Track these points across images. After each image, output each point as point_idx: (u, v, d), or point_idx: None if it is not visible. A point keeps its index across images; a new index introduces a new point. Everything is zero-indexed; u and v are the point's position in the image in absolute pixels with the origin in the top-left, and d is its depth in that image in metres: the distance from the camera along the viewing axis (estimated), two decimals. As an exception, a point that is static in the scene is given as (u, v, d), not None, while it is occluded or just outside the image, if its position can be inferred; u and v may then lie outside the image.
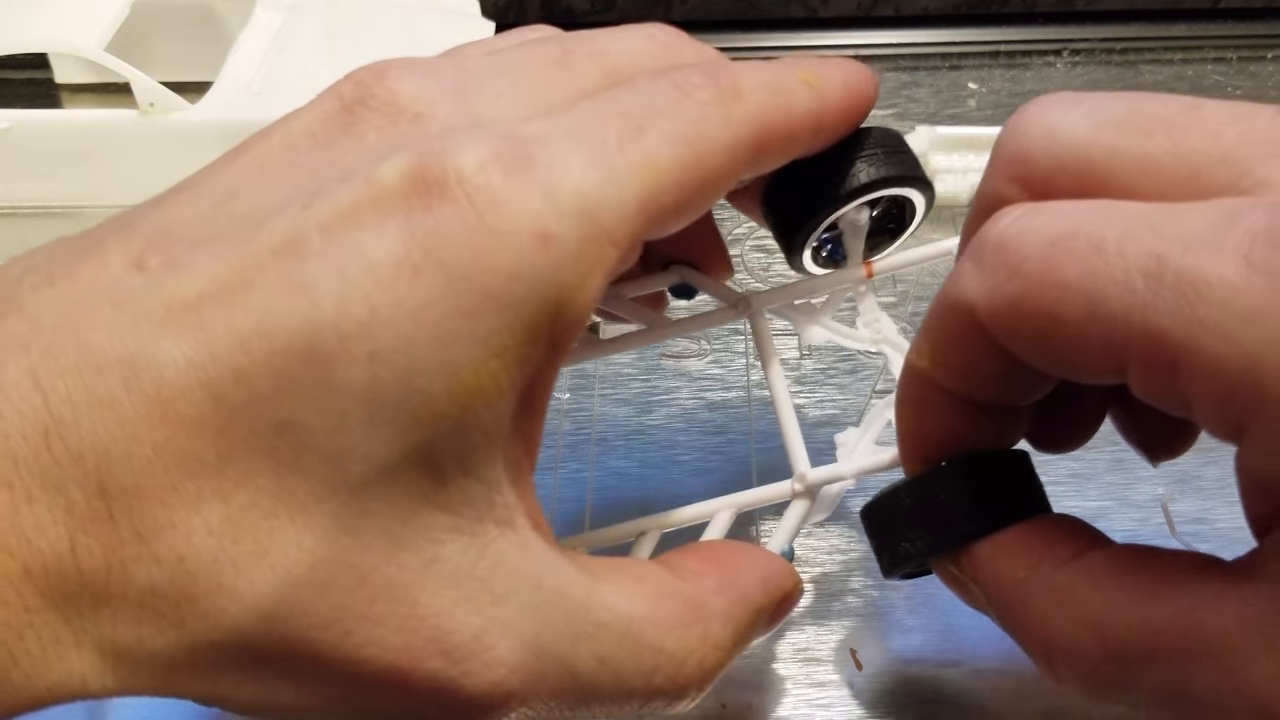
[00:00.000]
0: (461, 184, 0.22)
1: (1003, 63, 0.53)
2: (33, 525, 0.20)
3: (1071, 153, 0.24)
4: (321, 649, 0.21)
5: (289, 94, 0.45)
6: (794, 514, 0.29)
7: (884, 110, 0.51)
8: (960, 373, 0.25)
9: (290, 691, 0.22)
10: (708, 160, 0.25)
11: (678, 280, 0.31)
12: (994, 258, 0.23)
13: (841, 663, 0.31)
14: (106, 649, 0.21)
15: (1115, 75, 0.52)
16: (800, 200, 0.29)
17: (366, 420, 0.21)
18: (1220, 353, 0.20)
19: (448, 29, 0.48)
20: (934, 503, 0.26)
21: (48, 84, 0.52)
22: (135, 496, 0.20)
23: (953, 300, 0.24)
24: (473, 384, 0.21)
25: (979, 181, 0.26)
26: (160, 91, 0.44)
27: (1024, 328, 0.23)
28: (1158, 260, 0.21)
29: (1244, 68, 0.53)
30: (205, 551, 0.20)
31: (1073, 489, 0.35)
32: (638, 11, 0.55)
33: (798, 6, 0.55)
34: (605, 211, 0.23)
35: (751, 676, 0.31)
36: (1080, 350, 0.22)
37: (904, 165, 0.29)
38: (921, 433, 0.26)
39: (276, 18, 0.48)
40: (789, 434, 0.29)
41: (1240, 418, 0.20)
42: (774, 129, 0.26)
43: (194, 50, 0.49)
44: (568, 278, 0.22)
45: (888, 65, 0.54)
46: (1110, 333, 0.21)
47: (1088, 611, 0.23)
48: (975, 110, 0.51)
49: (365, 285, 0.21)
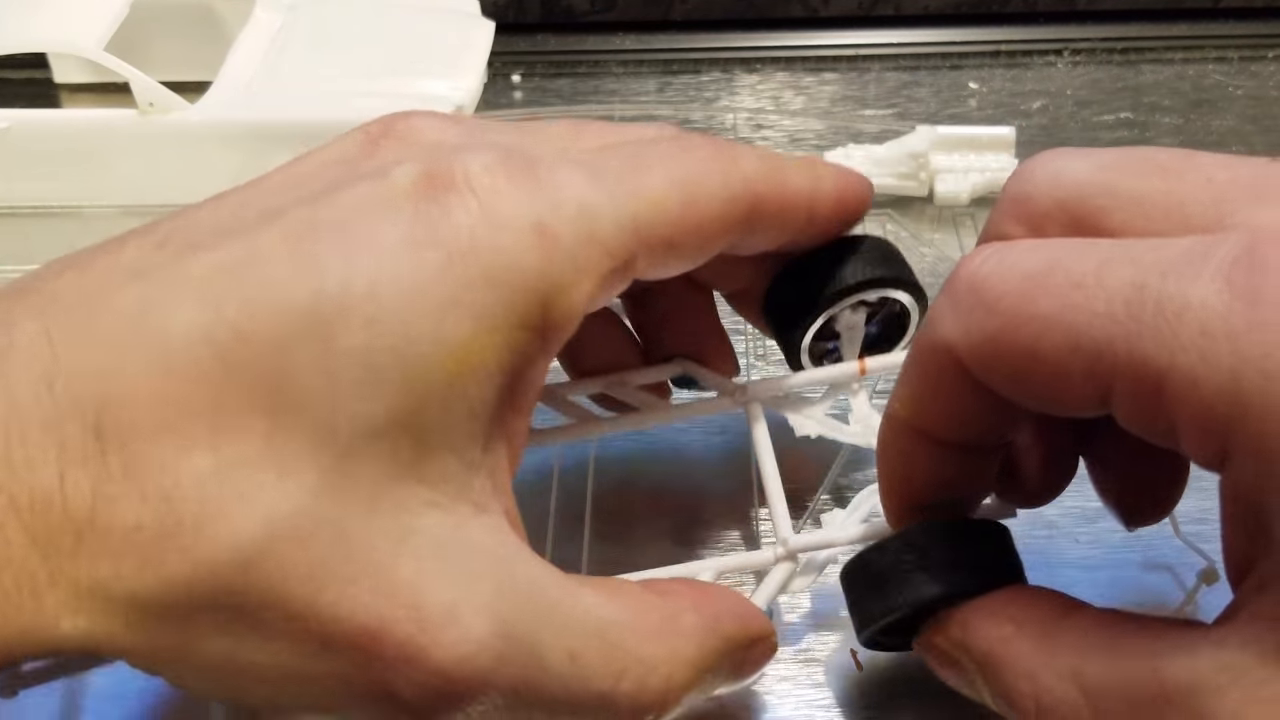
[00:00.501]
0: (468, 181, 0.23)
1: (1003, 62, 0.53)
2: (23, 461, 0.21)
3: (1071, 193, 0.24)
4: (296, 602, 0.21)
5: (288, 94, 0.45)
6: (775, 577, 0.30)
7: (884, 110, 0.51)
8: (938, 416, 0.25)
9: (257, 648, 0.22)
10: (703, 206, 0.27)
11: (680, 372, 0.33)
12: (969, 296, 0.23)
13: (841, 663, 0.31)
14: (82, 588, 0.21)
15: (1116, 75, 0.52)
16: (795, 302, 0.31)
17: (359, 383, 0.22)
18: (1202, 374, 0.20)
19: (448, 29, 0.48)
20: (920, 559, 0.26)
21: (47, 84, 0.52)
22: (129, 438, 0.21)
23: (930, 341, 0.24)
24: (463, 357, 0.22)
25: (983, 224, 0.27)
26: (160, 91, 0.44)
27: (1003, 364, 0.23)
28: (1139, 289, 0.21)
29: (1245, 67, 0.53)
30: (191, 494, 0.21)
31: (1073, 489, 0.34)
32: (637, 11, 0.55)
33: (798, 6, 0.55)
34: (602, 222, 0.24)
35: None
36: (1061, 383, 0.22)
37: (893, 268, 0.31)
38: (903, 480, 0.27)
39: (276, 18, 0.48)
40: (774, 504, 0.30)
41: (1224, 440, 0.20)
42: (768, 197, 0.28)
43: (193, 50, 0.49)
44: (562, 274, 0.24)
45: (888, 65, 0.54)
46: (1094, 364, 0.22)
47: (1072, 663, 0.23)
48: (976, 110, 0.51)
49: (369, 260, 0.22)
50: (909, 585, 0.26)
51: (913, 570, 0.26)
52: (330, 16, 0.48)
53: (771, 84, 0.53)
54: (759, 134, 0.50)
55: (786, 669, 0.31)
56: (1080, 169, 0.25)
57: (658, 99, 0.52)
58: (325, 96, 0.44)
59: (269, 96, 0.44)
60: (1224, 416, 0.20)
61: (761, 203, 0.28)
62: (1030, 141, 0.48)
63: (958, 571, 0.26)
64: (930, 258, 0.44)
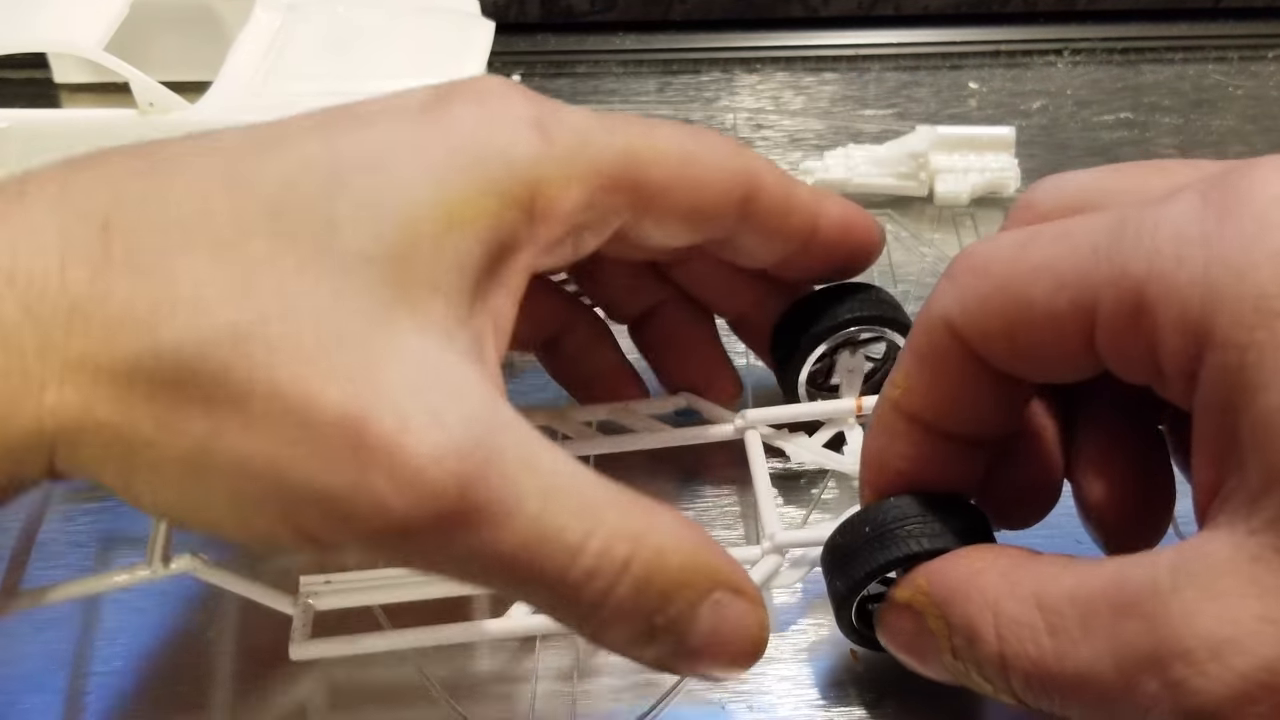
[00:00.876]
0: (478, 93, 0.26)
1: (1003, 62, 0.53)
2: (28, 247, 0.22)
3: (1072, 194, 0.26)
4: (282, 382, 0.22)
5: (288, 94, 0.45)
6: (762, 568, 0.31)
7: (884, 110, 0.51)
8: (931, 397, 0.26)
9: (236, 434, 0.22)
10: (701, 170, 0.29)
11: (684, 405, 0.35)
12: (964, 270, 0.25)
13: (841, 663, 0.31)
14: (72, 359, 0.22)
15: (1116, 75, 0.52)
16: (792, 336, 0.34)
17: (358, 219, 0.23)
18: (1178, 277, 0.21)
19: (447, 28, 0.48)
20: (900, 519, 0.27)
21: (47, 83, 0.52)
22: (133, 232, 0.23)
23: (927, 319, 0.26)
24: (455, 212, 0.24)
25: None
26: (159, 91, 0.44)
27: (996, 322, 0.24)
28: (1119, 222, 0.23)
29: (1245, 67, 0.53)
30: (188, 280, 0.22)
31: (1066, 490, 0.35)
32: (637, 11, 0.55)
33: (798, 6, 0.55)
34: (597, 143, 0.27)
35: (751, 676, 0.31)
36: (1051, 328, 0.23)
37: (889, 311, 0.34)
38: (884, 461, 0.27)
39: (276, 18, 0.48)
40: (763, 504, 0.32)
41: (1199, 343, 0.21)
42: (768, 190, 0.30)
43: (193, 50, 0.49)
44: (553, 170, 0.26)
45: (888, 65, 0.54)
46: (1079, 295, 0.23)
47: (1034, 589, 0.23)
48: (976, 110, 0.51)
49: (380, 134, 0.25)
50: (877, 553, 0.27)
51: (871, 542, 0.27)
52: (330, 16, 0.48)
53: (771, 84, 0.53)
54: (759, 134, 0.50)
55: (787, 669, 0.31)
56: (1082, 176, 0.26)
57: (658, 99, 0.52)
58: (325, 96, 0.44)
59: (269, 96, 0.44)
60: (1198, 317, 0.21)
61: (761, 192, 0.30)
62: (1030, 141, 0.48)
63: (927, 537, 0.27)
64: (930, 258, 0.44)
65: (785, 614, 0.32)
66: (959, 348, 0.25)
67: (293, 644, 0.29)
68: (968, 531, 0.27)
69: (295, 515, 0.22)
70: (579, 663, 0.31)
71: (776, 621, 0.32)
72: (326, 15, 0.48)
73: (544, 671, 0.31)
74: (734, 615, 0.25)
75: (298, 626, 0.30)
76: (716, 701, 0.31)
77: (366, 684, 0.31)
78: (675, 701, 0.31)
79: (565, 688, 0.31)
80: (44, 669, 0.32)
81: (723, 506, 0.36)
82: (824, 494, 0.35)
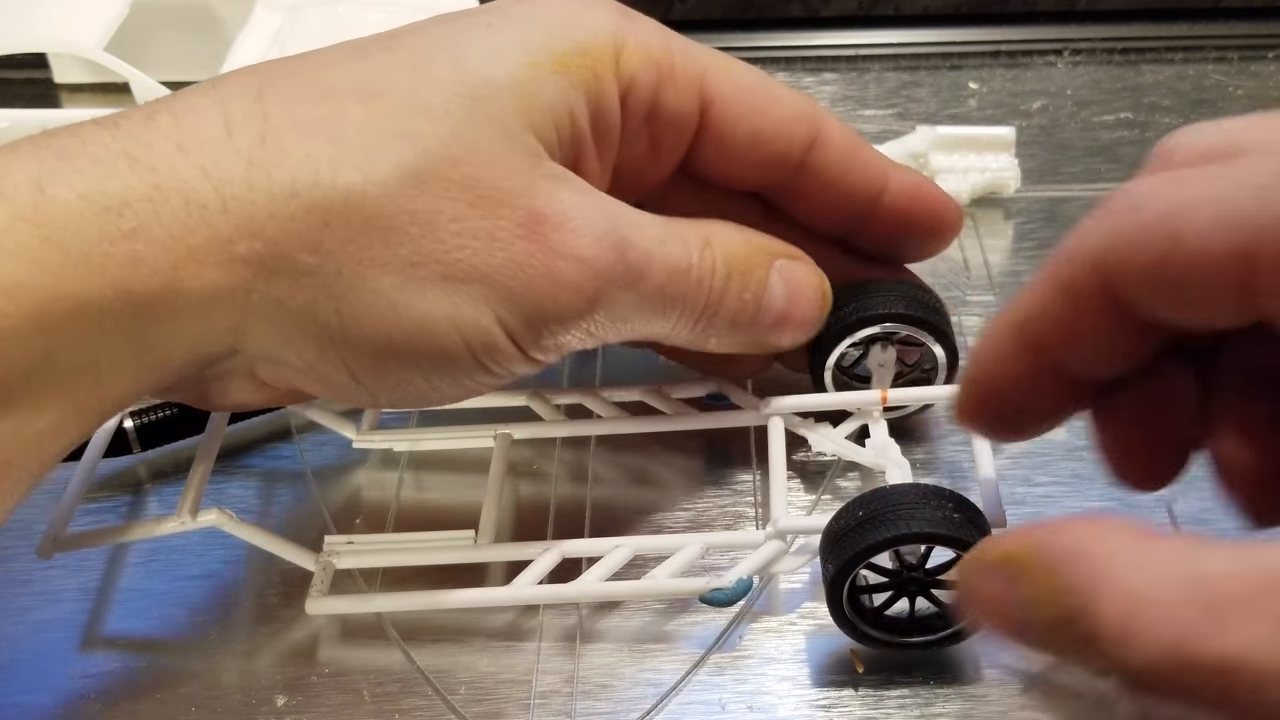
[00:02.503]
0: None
1: (1003, 62, 0.53)
2: (192, 123, 0.26)
3: (1212, 140, 0.25)
4: (461, 206, 0.27)
5: (288, 94, 0.45)
6: (764, 552, 0.31)
7: (884, 110, 0.51)
8: (1059, 327, 0.25)
9: (436, 254, 0.27)
10: (772, 101, 0.32)
11: (714, 389, 0.36)
12: (1119, 202, 0.24)
13: (841, 664, 0.31)
14: (259, 214, 0.26)
15: (1116, 75, 0.52)
16: (827, 325, 0.34)
17: (492, 57, 0.28)
18: None
19: (447, 29, 0.48)
20: (894, 504, 0.28)
21: (47, 84, 0.52)
22: (288, 99, 0.27)
23: (1069, 251, 0.24)
24: (563, 60, 0.29)
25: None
26: (159, 91, 0.44)
27: (1144, 256, 0.23)
28: None
29: (1245, 67, 0.53)
30: (352, 132, 0.27)
31: (1073, 489, 0.35)
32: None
33: (798, 6, 0.55)
34: (676, 40, 0.31)
35: (751, 676, 0.31)
36: (1205, 268, 0.22)
37: (927, 313, 0.33)
38: (989, 379, 0.26)
39: (276, 17, 0.48)
40: (775, 490, 0.32)
41: None
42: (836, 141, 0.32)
43: (193, 50, 0.49)
44: (636, 49, 0.30)
45: (888, 65, 0.54)
46: (1240, 234, 0.21)
47: (1182, 560, 0.20)
48: (976, 110, 0.51)
49: (488, 17, 0.30)
50: (867, 534, 0.27)
51: (863, 524, 0.28)
52: (330, 16, 0.48)
53: (771, 84, 0.53)
54: (759, 134, 0.50)
55: (787, 669, 0.31)
56: (1220, 124, 0.25)
57: (658, 99, 0.52)
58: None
59: (269, 96, 0.44)
60: None
61: (827, 140, 0.32)
62: (1030, 141, 0.48)
63: (918, 521, 0.27)
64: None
65: (786, 613, 0.33)
66: (1100, 283, 0.24)
67: (310, 599, 0.32)
68: (964, 522, 0.27)
69: (499, 308, 0.28)
70: (579, 664, 0.32)
71: (779, 618, 0.32)
72: (326, 15, 0.48)
73: (545, 668, 0.31)
74: (798, 272, 0.32)
75: (316, 583, 0.32)
76: (716, 701, 0.31)
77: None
78: (675, 701, 0.31)
79: (566, 687, 0.31)
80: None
81: (740, 492, 0.36)
82: (838, 482, 0.35)
